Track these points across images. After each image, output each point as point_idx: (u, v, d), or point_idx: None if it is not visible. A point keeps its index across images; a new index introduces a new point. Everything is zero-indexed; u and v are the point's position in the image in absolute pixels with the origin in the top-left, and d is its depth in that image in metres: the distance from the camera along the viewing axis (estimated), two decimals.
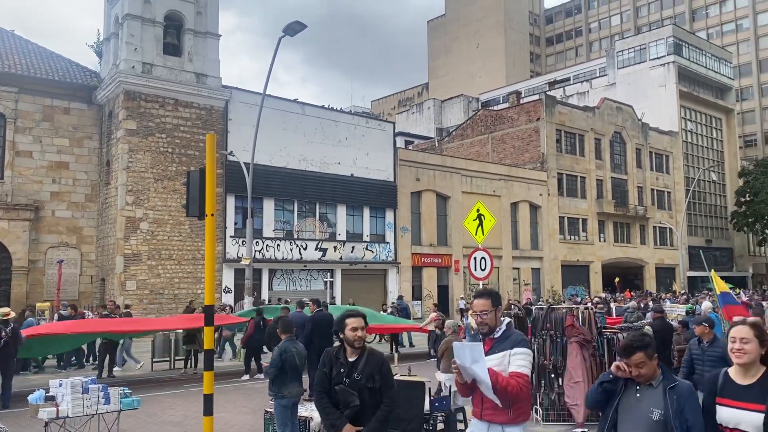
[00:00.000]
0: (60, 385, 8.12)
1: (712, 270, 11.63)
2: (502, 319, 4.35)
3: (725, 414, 3.56)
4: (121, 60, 27.10)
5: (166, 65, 27.96)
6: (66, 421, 7.99)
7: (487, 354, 4.14)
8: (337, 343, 4.74)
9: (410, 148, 48.17)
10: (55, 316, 18.70)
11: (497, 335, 4.26)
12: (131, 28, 27.14)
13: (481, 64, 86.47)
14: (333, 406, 4.52)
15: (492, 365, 4.07)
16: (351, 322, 4.56)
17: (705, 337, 7.64)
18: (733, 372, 3.66)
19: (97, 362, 17.71)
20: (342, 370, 4.54)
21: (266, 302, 24.37)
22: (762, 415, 3.33)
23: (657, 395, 3.60)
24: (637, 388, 3.69)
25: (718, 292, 11.28)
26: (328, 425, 4.54)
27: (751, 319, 4.02)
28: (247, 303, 20.87)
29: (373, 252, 33.95)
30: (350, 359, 4.57)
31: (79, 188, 28.65)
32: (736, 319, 5.43)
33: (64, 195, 28.23)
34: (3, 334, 11.69)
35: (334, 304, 28.56)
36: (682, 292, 37.17)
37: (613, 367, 3.74)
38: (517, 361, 4.12)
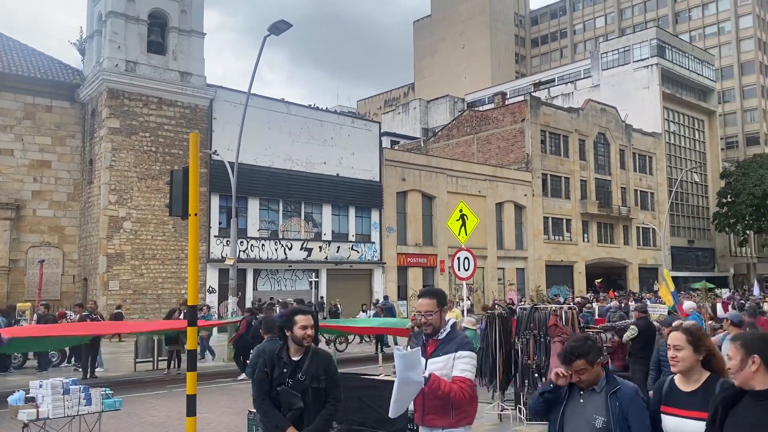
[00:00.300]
0: (40, 386, 8.02)
1: (665, 269, 11.78)
2: (447, 320, 4.18)
3: (670, 423, 3.42)
4: (105, 58, 26.85)
5: (150, 63, 27.75)
6: (46, 423, 7.90)
7: (431, 356, 4.05)
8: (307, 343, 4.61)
9: (396, 148, 48.19)
10: (35, 316, 18.50)
11: (441, 336, 4.11)
12: (114, 26, 26.90)
13: (467, 65, 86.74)
14: (275, 408, 4.29)
15: (435, 368, 3.96)
16: (301, 319, 4.35)
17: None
18: (678, 379, 3.52)
19: (75, 363, 17.58)
20: (285, 370, 4.31)
21: (258, 302, 24.25)
22: (704, 424, 3.12)
23: (600, 401, 3.46)
24: (581, 393, 3.54)
25: (671, 290, 11.38)
26: (270, 427, 4.31)
27: (687, 323, 3.80)
28: (231, 303, 20.77)
29: (358, 252, 33.92)
30: (294, 358, 4.35)
31: (61, 187, 28.34)
32: (674, 324, 5.37)
33: (46, 194, 27.92)
34: None
35: (323, 303, 28.53)
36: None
37: (552, 375, 3.57)
38: (461, 365, 3.97)
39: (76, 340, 15.38)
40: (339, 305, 28.43)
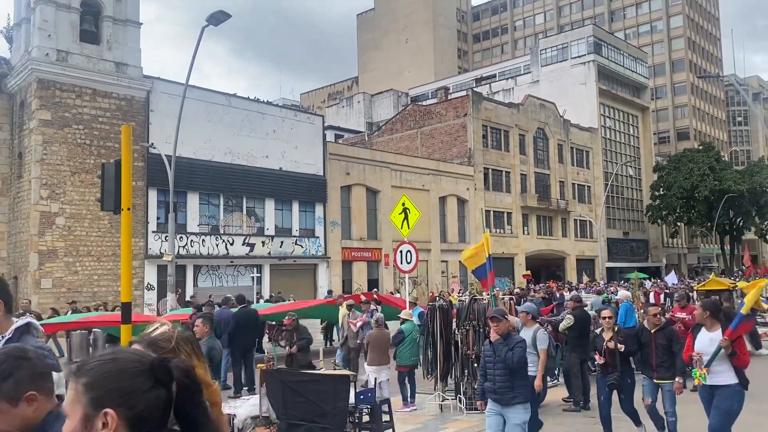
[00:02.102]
0: None
1: (486, 232, 11.85)
2: (14, 320, 3.00)
3: None
4: (34, 47, 25.72)
5: (83, 53, 26.74)
6: None
7: None
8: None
9: (340, 142, 48.07)
10: None
11: None
12: (44, 14, 25.79)
13: (411, 59, 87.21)
14: None
15: None
16: None
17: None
18: None
19: None
20: None
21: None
22: None
23: None
24: None
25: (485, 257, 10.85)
26: None
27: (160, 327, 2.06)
28: (170, 300, 20.31)
29: (302, 247, 33.69)
30: None
31: None
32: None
33: None
34: None
35: (281, 299, 27.38)
36: (600, 281, 38.81)
37: None
38: None
39: None
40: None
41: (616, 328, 7.88)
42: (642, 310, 16.96)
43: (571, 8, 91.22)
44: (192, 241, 29.10)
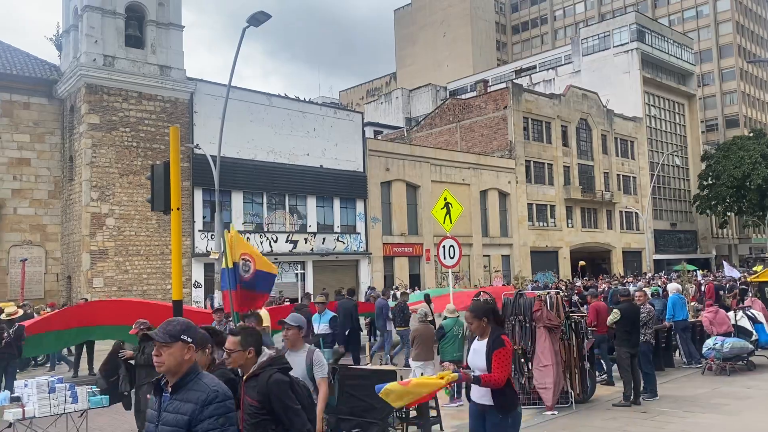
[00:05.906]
0: (25, 385, 7.98)
1: (227, 230, 9.06)
2: None
3: None
4: (82, 53, 26.49)
5: (129, 57, 27.42)
6: (33, 422, 7.86)
7: None
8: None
9: (379, 138, 48.14)
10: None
11: None
12: (91, 20, 26.53)
13: (449, 53, 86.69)
14: None
15: None
16: None
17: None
18: None
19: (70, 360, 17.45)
20: None
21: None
22: None
23: None
24: None
25: (229, 265, 8.17)
26: None
27: None
28: (217, 297, 20.69)
29: (344, 243, 33.90)
30: None
31: (42, 185, 28.00)
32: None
33: (26, 192, 27.57)
34: (5, 335, 11.57)
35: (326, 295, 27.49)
36: (648, 273, 37.98)
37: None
38: None
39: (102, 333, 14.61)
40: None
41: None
42: (693, 302, 16.57)
43: None
44: None
